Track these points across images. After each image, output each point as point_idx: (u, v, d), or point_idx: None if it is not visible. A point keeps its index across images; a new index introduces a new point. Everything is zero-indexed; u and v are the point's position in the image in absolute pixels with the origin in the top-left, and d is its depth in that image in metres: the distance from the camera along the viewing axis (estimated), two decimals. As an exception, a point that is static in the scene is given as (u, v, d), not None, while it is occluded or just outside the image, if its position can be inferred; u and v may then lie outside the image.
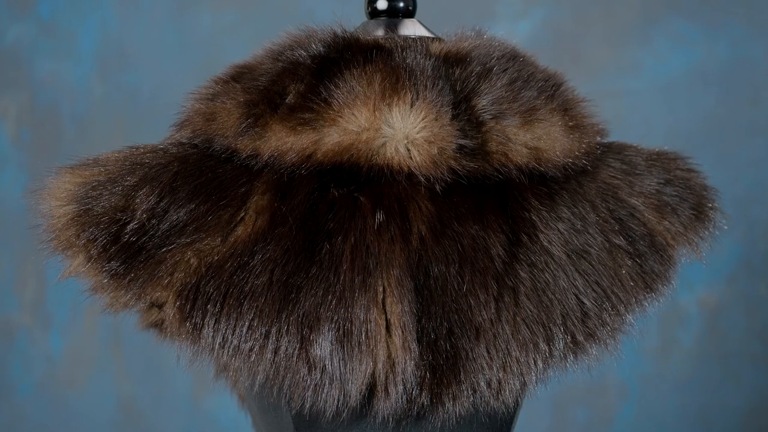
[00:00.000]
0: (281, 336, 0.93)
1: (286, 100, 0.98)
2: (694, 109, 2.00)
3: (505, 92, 1.01)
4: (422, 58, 1.00)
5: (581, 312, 0.99)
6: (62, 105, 2.13)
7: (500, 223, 0.98)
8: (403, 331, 0.94)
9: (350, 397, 0.94)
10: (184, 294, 0.94)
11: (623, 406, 2.04)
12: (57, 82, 2.12)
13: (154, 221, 0.95)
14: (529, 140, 1.01)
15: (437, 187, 0.97)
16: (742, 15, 2.00)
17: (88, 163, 1.00)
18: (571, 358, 0.99)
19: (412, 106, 0.97)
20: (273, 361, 0.93)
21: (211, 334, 0.94)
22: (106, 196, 0.96)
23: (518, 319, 0.97)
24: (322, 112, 0.97)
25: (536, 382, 0.98)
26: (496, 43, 1.06)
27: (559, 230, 1.00)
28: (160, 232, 0.95)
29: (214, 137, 1.00)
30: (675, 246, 1.08)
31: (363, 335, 0.93)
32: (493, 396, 0.97)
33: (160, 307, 0.97)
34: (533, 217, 1.00)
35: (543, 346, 0.97)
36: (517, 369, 0.96)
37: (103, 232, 0.95)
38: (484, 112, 0.99)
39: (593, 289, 1.00)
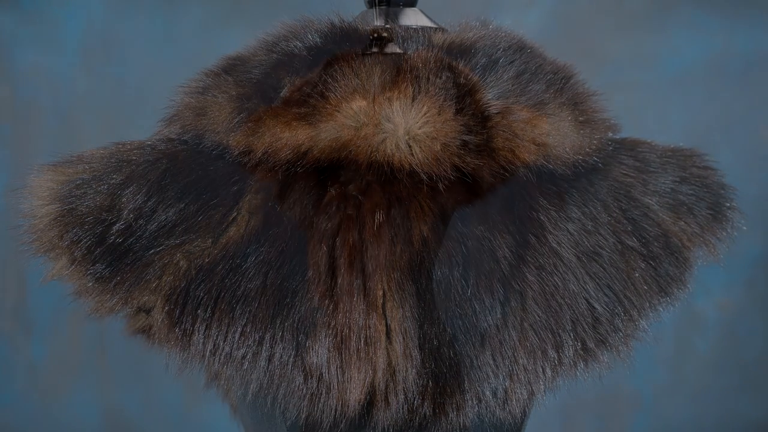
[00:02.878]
0: (275, 343, 0.93)
1: (281, 94, 0.98)
2: (711, 103, 2.00)
3: (512, 85, 1.01)
4: (424, 50, 1.00)
5: (592, 317, 0.99)
6: (45, 98, 2.13)
7: (506, 224, 0.98)
8: (404, 338, 0.94)
9: (348, 407, 0.94)
10: (173, 298, 0.94)
11: (636, 417, 2.03)
12: (39, 74, 2.12)
13: (141, 221, 0.95)
14: (537, 136, 1.01)
15: (440, 185, 0.97)
16: (762, 4, 2.00)
17: (72, 160, 1.00)
18: (582, 365, 0.99)
19: (413, 100, 0.97)
20: (267, 369, 0.93)
21: (202, 340, 0.94)
22: (91, 195, 0.96)
23: (525, 324, 0.97)
24: (318, 106, 0.97)
25: (544, 391, 0.98)
26: (503, 34, 1.06)
27: (568, 231, 1.00)
28: (147, 233, 0.95)
29: (205, 133, 1.00)
30: (691, 247, 1.08)
31: (362, 342, 0.93)
32: (499, 406, 0.97)
33: (148, 311, 0.97)
34: (541, 217, 1.00)
35: (552, 353, 0.97)
36: (524, 377, 0.96)
37: (88, 233, 0.95)
38: (489, 107, 0.99)
39: (605, 293, 1.00)
